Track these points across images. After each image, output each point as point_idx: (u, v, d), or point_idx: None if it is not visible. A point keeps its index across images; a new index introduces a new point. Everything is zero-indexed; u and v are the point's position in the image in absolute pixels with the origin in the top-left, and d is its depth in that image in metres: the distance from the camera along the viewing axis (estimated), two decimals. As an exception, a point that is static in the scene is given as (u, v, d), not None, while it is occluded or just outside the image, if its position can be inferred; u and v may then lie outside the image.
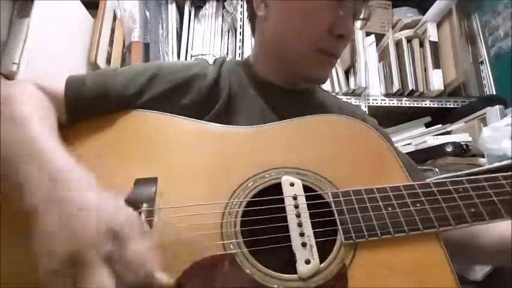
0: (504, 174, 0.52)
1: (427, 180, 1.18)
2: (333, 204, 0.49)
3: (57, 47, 1.18)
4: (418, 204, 0.49)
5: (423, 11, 1.65)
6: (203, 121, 0.59)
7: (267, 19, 0.68)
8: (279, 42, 0.67)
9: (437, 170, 1.31)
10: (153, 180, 0.48)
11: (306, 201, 0.49)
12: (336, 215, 0.48)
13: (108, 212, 0.38)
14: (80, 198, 0.38)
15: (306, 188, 0.51)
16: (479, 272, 1.14)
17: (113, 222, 0.37)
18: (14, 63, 1.01)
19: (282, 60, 0.68)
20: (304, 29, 0.63)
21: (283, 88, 0.69)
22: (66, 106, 0.56)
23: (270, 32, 0.68)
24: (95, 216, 0.36)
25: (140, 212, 0.43)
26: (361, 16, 0.66)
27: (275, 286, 0.43)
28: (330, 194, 0.50)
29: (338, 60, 1.49)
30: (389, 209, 0.48)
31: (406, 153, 1.41)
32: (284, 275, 0.44)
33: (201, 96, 0.63)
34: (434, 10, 1.58)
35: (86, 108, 0.56)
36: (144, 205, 0.44)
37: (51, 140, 0.45)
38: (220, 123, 0.58)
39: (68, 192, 0.38)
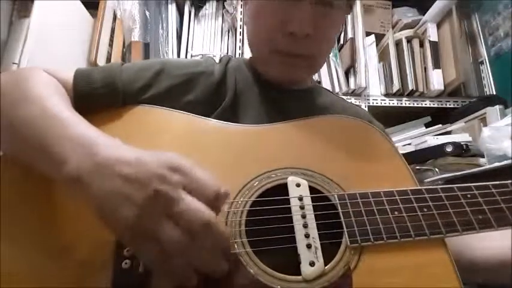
0: None
1: (429, 179, 1.18)
2: (339, 207, 0.48)
3: (57, 47, 1.18)
4: (425, 209, 0.48)
5: (423, 11, 1.65)
6: (209, 118, 0.58)
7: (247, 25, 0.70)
8: (250, 46, 0.70)
9: (437, 170, 1.31)
10: None
11: (312, 202, 0.49)
12: (342, 218, 0.47)
13: (154, 155, 0.39)
14: (120, 155, 0.39)
15: (312, 189, 0.50)
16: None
17: (168, 158, 0.39)
18: (14, 63, 1.02)
19: (256, 63, 0.70)
20: (258, 30, 0.64)
21: (287, 87, 0.69)
22: (74, 97, 0.55)
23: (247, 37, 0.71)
24: (148, 161, 0.38)
25: None
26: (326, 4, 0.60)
27: (279, 287, 0.43)
28: (336, 196, 0.49)
29: (338, 60, 1.53)
30: (396, 213, 0.48)
31: (406, 153, 1.42)
32: (288, 276, 0.44)
33: (207, 94, 0.62)
34: (434, 10, 1.58)
35: (93, 101, 0.56)
36: None
37: (73, 113, 0.47)
38: (225, 121, 0.58)
39: (107, 153, 0.39)
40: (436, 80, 1.52)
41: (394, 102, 1.55)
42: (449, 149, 1.29)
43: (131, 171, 0.37)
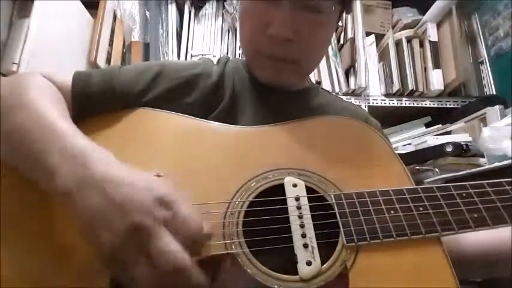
0: (508, 180, 0.52)
1: (429, 180, 1.18)
2: (335, 207, 0.48)
3: (57, 47, 1.18)
4: (421, 208, 0.49)
5: (423, 11, 1.65)
6: (207, 120, 0.58)
7: None
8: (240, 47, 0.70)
9: (437, 170, 1.31)
10: None
11: (309, 202, 0.49)
12: (338, 218, 0.48)
13: (144, 181, 0.39)
14: (111, 173, 0.38)
15: (309, 190, 0.50)
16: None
17: (156, 189, 0.38)
18: (14, 63, 1.02)
19: (247, 64, 0.70)
20: (244, 31, 0.64)
21: (283, 89, 0.69)
22: (72, 101, 0.55)
23: None
24: (137, 186, 0.38)
25: None
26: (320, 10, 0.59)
27: (276, 287, 0.43)
28: (332, 196, 0.50)
29: (338, 60, 1.53)
30: (392, 212, 0.48)
31: (406, 153, 1.42)
32: (285, 275, 0.44)
33: (205, 96, 0.62)
34: (434, 10, 1.58)
35: (92, 105, 0.56)
36: None
37: (67, 123, 0.46)
38: (224, 122, 0.58)
39: (97, 170, 0.38)
40: (436, 80, 1.52)
41: (394, 102, 1.55)
42: (449, 149, 1.29)
43: (117, 193, 0.37)
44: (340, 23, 1.58)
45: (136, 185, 0.38)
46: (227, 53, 1.58)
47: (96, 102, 0.57)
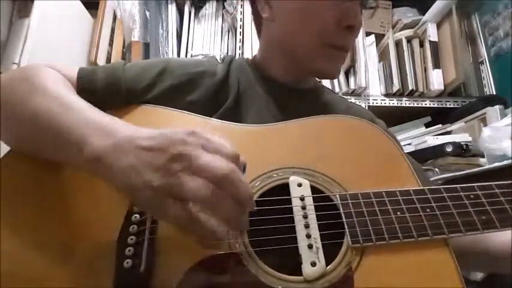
0: None
1: (429, 180, 1.19)
2: (340, 207, 0.48)
3: (57, 47, 1.18)
4: (428, 210, 0.48)
5: (423, 11, 1.65)
6: (211, 118, 0.58)
7: (273, 20, 0.68)
8: (287, 41, 0.67)
9: (437, 170, 1.31)
10: None
11: (314, 202, 0.48)
12: (344, 218, 0.47)
13: (170, 128, 0.39)
14: (139, 132, 0.40)
15: (314, 189, 0.50)
16: (480, 272, 1.15)
17: (184, 129, 0.39)
18: (14, 63, 1.02)
19: (292, 58, 0.68)
20: (310, 24, 0.64)
21: (291, 87, 0.69)
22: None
23: (278, 32, 0.69)
24: (166, 131, 0.38)
25: None
26: (369, 5, 0.67)
27: (280, 287, 0.42)
28: (338, 196, 0.49)
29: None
30: (399, 213, 0.47)
31: (406, 153, 1.42)
32: (289, 276, 0.43)
33: (210, 94, 0.62)
34: (434, 10, 1.58)
35: (95, 101, 0.56)
36: None
37: (84, 102, 0.47)
38: (228, 121, 0.58)
39: (125, 132, 0.40)
40: (436, 80, 1.52)
41: (394, 102, 1.55)
42: (449, 149, 1.29)
43: (150, 142, 0.37)
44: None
45: (164, 131, 0.38)
46: (227, 53, 1.57)
47: (100, 98, 0.56)
